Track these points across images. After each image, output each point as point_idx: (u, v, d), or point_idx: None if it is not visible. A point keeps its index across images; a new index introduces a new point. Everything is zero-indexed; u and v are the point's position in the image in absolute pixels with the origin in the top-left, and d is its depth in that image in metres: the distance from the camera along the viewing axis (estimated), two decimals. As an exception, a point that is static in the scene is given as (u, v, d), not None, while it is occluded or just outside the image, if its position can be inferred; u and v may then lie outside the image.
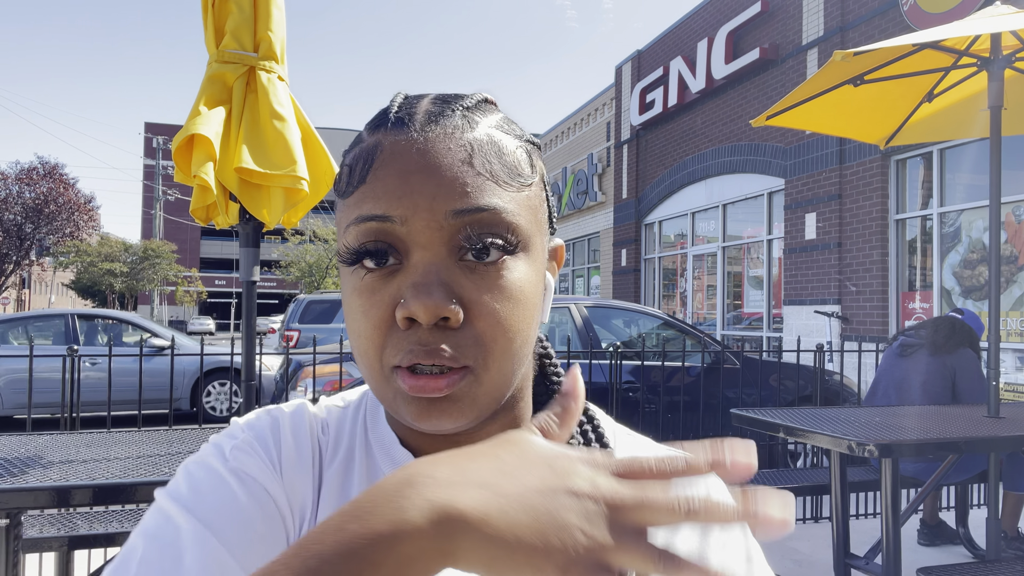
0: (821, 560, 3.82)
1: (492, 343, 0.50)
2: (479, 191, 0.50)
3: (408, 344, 0.49)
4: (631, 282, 14.95)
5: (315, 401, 0.65)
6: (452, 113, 0.53)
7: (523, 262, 0.53)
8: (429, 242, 0.50)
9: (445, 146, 0.51)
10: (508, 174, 0.52)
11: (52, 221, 31.06)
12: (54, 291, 69.02)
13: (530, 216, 0.54)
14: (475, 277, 0.50)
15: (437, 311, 0.48)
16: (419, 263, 0.50)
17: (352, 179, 0.52)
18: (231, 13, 2.28)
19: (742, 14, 11.06)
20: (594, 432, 0.62)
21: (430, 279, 0.49)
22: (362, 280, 0.51)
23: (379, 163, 0.51)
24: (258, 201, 2.30)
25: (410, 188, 0.50)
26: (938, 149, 8.08)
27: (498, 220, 0.51)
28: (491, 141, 0.53)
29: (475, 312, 0.50)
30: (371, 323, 0.51)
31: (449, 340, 0.49)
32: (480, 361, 0.50)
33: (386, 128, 0.53)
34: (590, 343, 5.05)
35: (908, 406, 3.51)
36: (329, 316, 11.00)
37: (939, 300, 8.08)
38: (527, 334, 0.53)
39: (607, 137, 16.92)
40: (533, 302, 0.54)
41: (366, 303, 0.51)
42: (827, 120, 3.88)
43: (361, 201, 0.51)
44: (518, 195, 0.53)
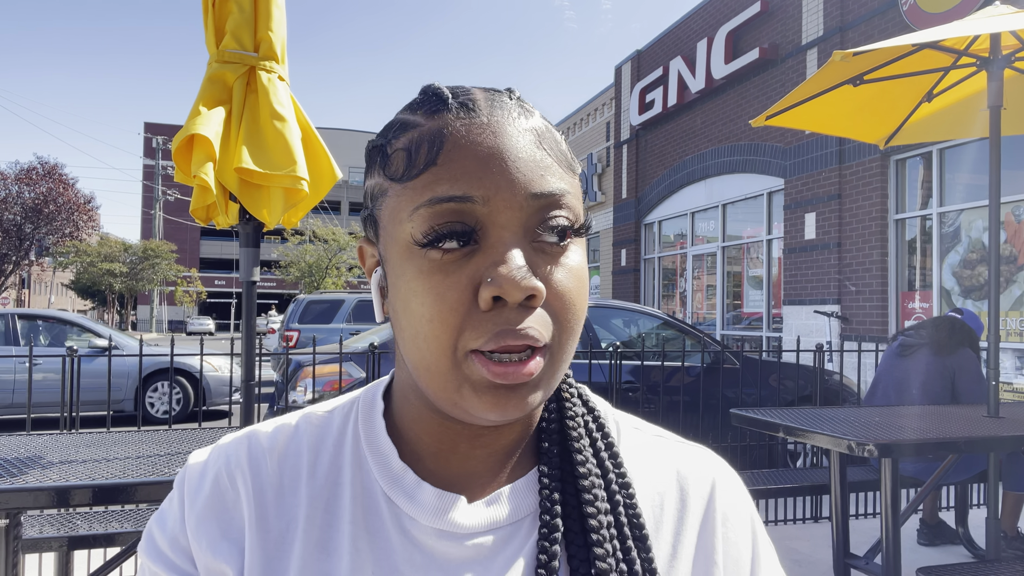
0: (821, 560, 3.82)
1: (565, 321, 0.51)
2: (552, 174, 0.52)
3: (494, 326, 0.48)
4: (631, 282, 14.96)
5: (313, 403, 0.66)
6: (508, 100, 0.54)
7: (579, 245, 0.54)
8: (508, 222, 0.50)
9: (515, 129, 0.52)
10: (566, 161, 0.54)
11: (52, 221, 31.05)
12: (54, 291, 69.01)
13: (581, 203, 0.55)
14: (547, 257, 0.51)
15: (528, 289, 0.48)
16: (500, 242, 0.49)
17: (416, 162, 0.51)
18: (231, 13, 2.27)
19: (742, 14, 11.06)
20: (595, 423, 0.62)
21: (516, 257, 0.49)
22: (436, 261, 0.50)
23: (451, 145, 0.51)
24: (258, 201, 2.30)
25: (489, 169, 0.50)
26: (938, 149, 8.08)
27: (567, 203, 0.52)
28: (548, 129, 0.55)
29: (551, 291, 0.51)
30: (447, 305, 0.49)
31: (534, 319, 0.49)
32: (556, 339, 0.51)
33: (448, 111, 0.52)
34: (590, 343, 5.05)
35: (908, 406, 3.51)
36: (329, 316, 11.00)
37: (939, 300, 8.09)
38: (583, 317, 0.54)
39: (607, 137, 16.92)
40: (587, 284, 0.55)
41: (440, 284, 0.49)
42: (827, 120, 3.88)
43: (433, 183, 0.50)
44: (574, 181, 0.54)
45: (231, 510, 0.57)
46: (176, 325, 51.50)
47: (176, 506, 0.59)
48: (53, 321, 8.85)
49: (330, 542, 0.55)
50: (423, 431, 0.58)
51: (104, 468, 1.99)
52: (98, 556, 3.32)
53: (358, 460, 0.58)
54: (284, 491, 0.57)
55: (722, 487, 0.62)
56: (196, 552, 0.56)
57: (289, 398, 4.63)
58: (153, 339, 34.54)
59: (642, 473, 0.61)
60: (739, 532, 0.61)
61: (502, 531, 0.56)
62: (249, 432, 0.61)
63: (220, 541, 0.56)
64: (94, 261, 38.44)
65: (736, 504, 0.62)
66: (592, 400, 0.65)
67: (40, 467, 1.99)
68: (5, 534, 1.96)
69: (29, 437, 2.47)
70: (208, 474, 0.58)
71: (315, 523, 0.56)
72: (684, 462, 0.63)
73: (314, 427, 0.61)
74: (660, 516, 0.60)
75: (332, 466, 0.58)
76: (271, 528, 0.56)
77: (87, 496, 1.82)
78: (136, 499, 1.88)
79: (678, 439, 0.66)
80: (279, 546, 0.56)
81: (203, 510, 0.57)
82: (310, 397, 4.49)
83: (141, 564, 0.59)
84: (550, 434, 0.59)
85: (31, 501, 1.79)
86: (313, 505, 0.56)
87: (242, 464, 0.58)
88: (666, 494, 0.61)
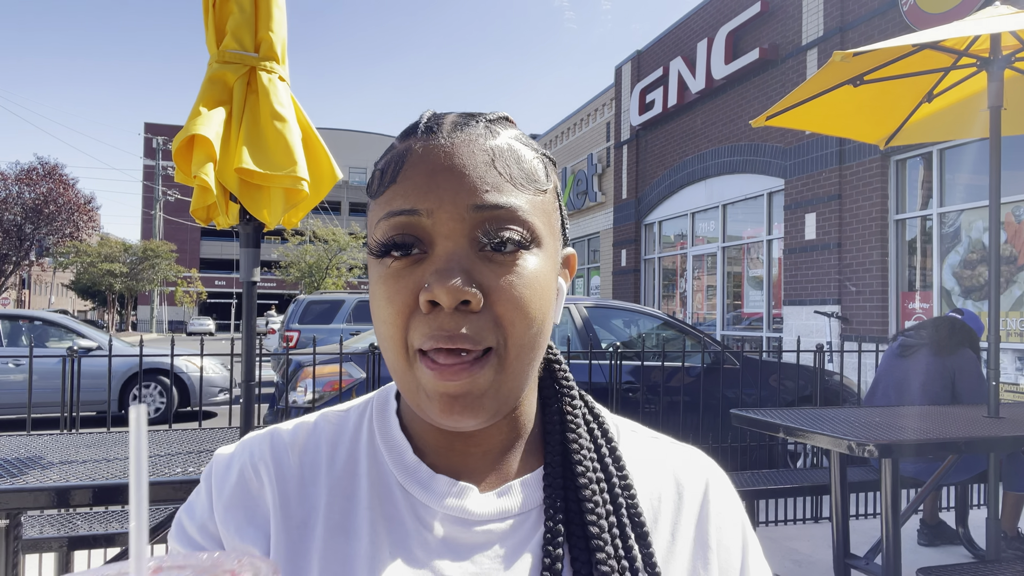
0: (821, 560, 3.82)
1: (510, 326, 0.54)
2: (498, 190, 0.55)
3: (430, 328, 0.53)
4: (631, 282, 14.96)
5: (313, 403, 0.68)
6: (476, 123, 0.58)
7: (537, 257, 0.57)
8: (451, 232, 0.54)
9: (469, 150, 0.56)
10: (525, 178, 0.57)
11: (52, 221, 31.05)
12: (54, 291, 69.00)
13: (544, 219, 0.58)
14: (493, 265, 0.54)
15: (458, 294, 0.52)
16: (442, 252, 0.54)
17: (384, 180, 0.57)
18: (232, 13, 2.27)
19: (742, 14, 11.07)
20: (599, 429, 0.66)
21: (452, 265, 0.53)
22: (388, 268, 0.55)
23: (408, 164, 0.56)
24: (258, 201, 2.30)
25: (436, 184, 0.54)
26: (938, 149, 8.08)
27: (514, 217, 0.55)
28: (511, 149, 0.58)
29: (494, 297, 0.54)
30: (395, 308, 0.54)
31: (470, 323, 0.53)
32: (501, 342, 0.54)
33: (416, 135, 0.58)
34: (590, 343, 5.05)
35: (908, 406, 3.51)
36: (329, 316, 11.00)
37: (939, 300, 8.08)
38: (542, 324, 0.57)
39: (607, 137, 16.92)
40: (547, 294, 0.57)
41: (391, 289, 0.55)
42: (827, 120, 3.88)
43: (392, 199, 0.56)
44: (534, 198, 0.57)
45: (256, 498, 0.61)
46: (176, 325, 51.50)
47: (204, 496, 0.63)
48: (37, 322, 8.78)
49: (350, 526, 0.59)
50: (423, 430, 0.63)
51: (104, 468, 1.99)
52: (98, 556, 3.32)
53: (373, 453, 0.63)
54: (305, 482, 0.62)
55: (715, 484, 0.67)
56: (224, 537, 0.61)
57: (289, 398, 4.63)
58: (152, 339, 34.53)
59: (640, 473, 0.66)
60: (731, 527, 0.66)
61: (511, 520, 0.60)
62: (271, 430, 0.66)
63: (246, 527, 0.60)
64: (94, 261, 38.43)
65: (727, 501, 0.67)
66: (598, 408, 0.69)
67: (40, 467, 1.99)
68: (5, 534, 1.96)
69: (29, 437, 2.47)
70: (234, 466, 0.63)
71: (335, 509, 0.60)
72: (679, 462, 0.68)
73: (332, 424, 0.66)
74: (657, 513, 0.64)
75: (349, 459, 0.63)
76: (293, 515, 0.60)
77: (87, 496, 1.83)
78: (136, 499, 1.88)
79: (672, 441, 0.71)
80: (301, 531, 0.60)
81: (230, 498, 0.61)
82: (310, 397, 4.49)
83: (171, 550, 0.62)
84: (553, 435, 0.63)
85: (31, 501, 1.79)
86: (332, 494, 0.61)
87: (265, 457, 0.63)
88: (663, 492, 0.65)
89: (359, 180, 61.56)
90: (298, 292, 36.43)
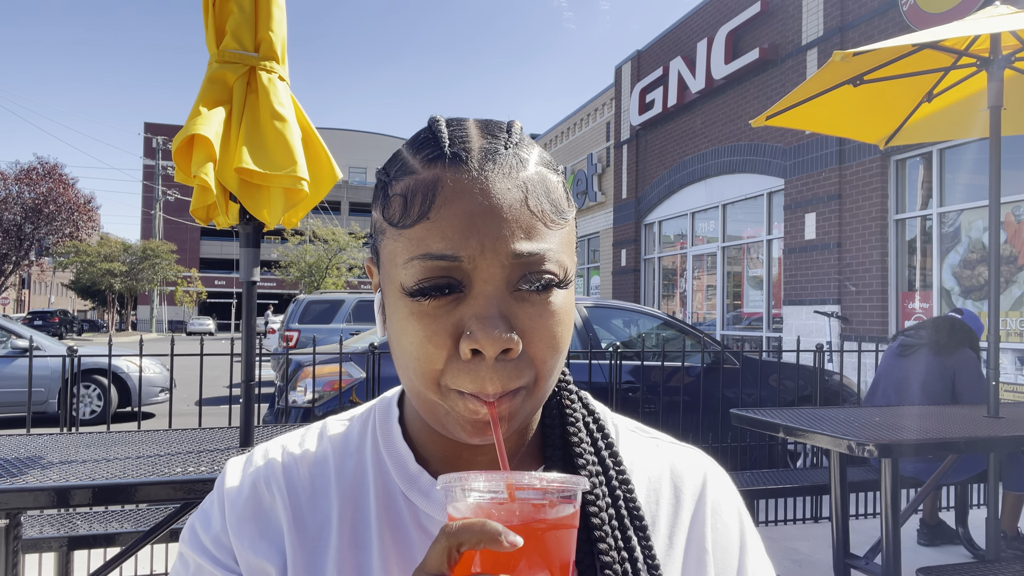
0: (821, 560, 3.82)
1: (542, 364, 0.56)
2: (535, 232, 0.54)
3: (472, 380, 0.53)
4: (631, 282, 14.96)
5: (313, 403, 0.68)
6: (505, 151, 0.56)
7: (565, 290, 0.57)
8: (491, 277, 0.53)
9: (504, 186, 0.54)
10: (555, 213, 0.57)
11: (52, 221, 31.05)
12: (53, 291, 69.00)
13: (568, 250, 0.58)
14: (527, 306, 0.55)
15: (504, 344, 0.52)
16: (481, 295, 0.53)
17: (410, 212, 0.55)
18: (232, 13, 2.27)
19: (742, 14, 11.07)
20: (596, 425, 0.67)
21: (493, 312, 0.53)
22: (423, 305, 0.54)
23: (441, 200, 0.54)
24: (258, 201, 2.30)
25: (476, 229, 0.53)
26: (938, 149, 8.08)
27: (550, 258, 0.55)
28: (541, 179, 0.57)
29: (529, 338, 0.54)
30: (433, 347, 0.54)
31: (508, 371, 0.54)
32: (533, 381, 0.56)
33: (444, 163, 0.55)
34: (590, 343, 5.05)
35: (908, 406, 3.51)
36: (329, 316, 11.00)
37: (939, 300, 8.08)
38: (566, 351, 0.59)
39: (607, 137, 16.92)
40: (571, 323, 0.59)
41: (428, 329, 0.54)
42: (827, 120, 3.88)
43: (427, 238, 0.53)
44: (562, 232, 0.57)
45: (268, 512, 0.63)
46: (176, 325, 51.49)
47: (217, 508, 0.64)
48: None
49: (361, 538, 0.61)
50: (428, 440, 0.64)
51: (104, 468, 1.99)
52: (98, 556, 3.32)
53: (378, 463, 0.64)
54: (316, 493, 0.63)
55: (712, 483, 0.68)
56: (238, 551, 0.62)
57: (289, 398, 4.63)
58: (152, 339, 34.52)
59: (640, 471, 0.67)
60: (728, 523, 0.66)
61: None
62: (280, 442, 0.68)
63: (259, 541, 0.61)
64: (94, 261, 38.43)
65: (725, 498, 0.68)
66: (593, 404, 0.70)
67: (40, 467, 1.99)
68: (5, 534, 1.96)
69: (29, 437, 2.47)
70: (246, 480, 0.64)
71: (347, 521, 0.62)
72: (677, 461, 0.69)
73: (337, 434, 0.68)
74: (656, 510, 0.65)
75: (357, 469, 0.65)
76: (307, 527, 0.62)
77: (87, 496, 1.82)
78: (136, 499, 1.88)
79: (672, 441, 0.72)
80: (316, 542, 0.61)
81: (242, 512, 0.63)
82: (310, 397, 4.49)
83: (182, 554, 0.64)
84: (552, 438, 0.64)
85: (31, 501, 1.79)
86: (343, 505, 0.62)
87: (276, 471, 0.64)
88: (661, 490, 0.66)
89: (359, 180, 61.54)
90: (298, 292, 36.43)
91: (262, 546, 0.61)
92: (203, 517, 0.65)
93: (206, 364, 3.45)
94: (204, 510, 0.65)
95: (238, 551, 0.62)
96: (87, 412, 8.77)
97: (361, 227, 43.79)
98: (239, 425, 2.42)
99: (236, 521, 0.62)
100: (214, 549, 0.62)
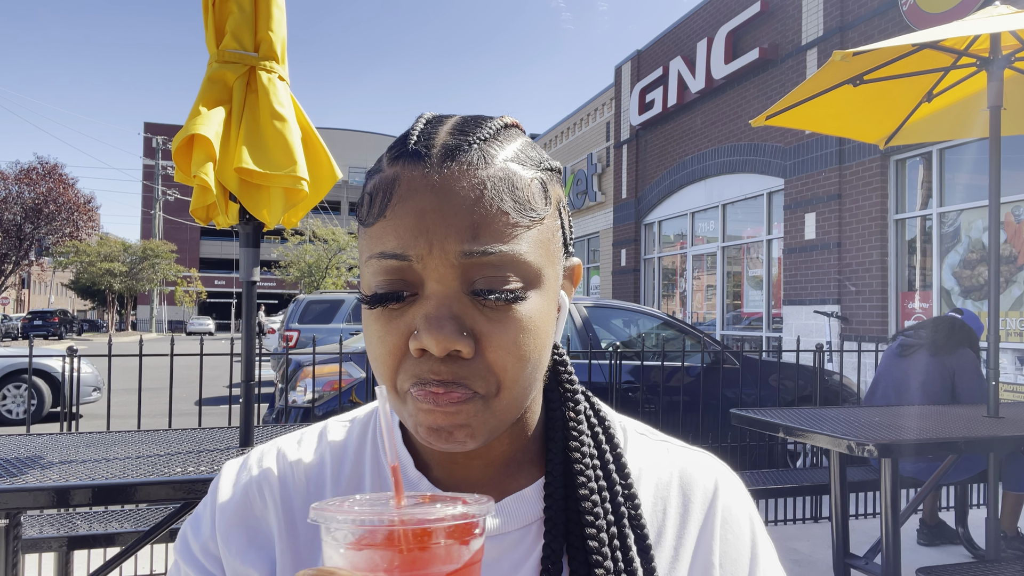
0: (821, 560, 3.82)
1: (503, 373, 0.52)
2: (489, 233, 0.51)
3: (420, 371, 0.52)
4: (631, 282, 14.95)
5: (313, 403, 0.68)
6: (468, 148, 0.53)
7: (534, 295, 0.54)
8: (442, 277, 0.51)
9: (459, 184, 0.52)
10: (520, 211, 0.53)
11: (51, 221, 31.05)
12: (53, 291, 68.98)
13: (541, 250, 0.54)
14: (487, 310, 0.52)
15: (448, 344, 0.50)
16: (432, 296, 0.52)
17: (372, 210, 0.54)
18: (231, 13, 2.27)
19: (742, 14, 11.06)
20: (604, 434, 0.63)
21: (442, 312, 0.51)
22: (377, 309, 0.54)
23: (397, 198, 0.53)
24: (258, 201, 2.29)
25: (424, 227, 0.51)
26: (937, 149, 8.08)
27: (507, 261, 0.52)
28: (505, 177, 0.53)
29: (486, 344, 0.52)
30: (386, 349, 0.53)
31: (461, 370, 0.51)
32: (493, 388, 0.53)
33: (405, 160, 0.54)
34: (590, 343, 5.05)
35: (908, 406, 3.51)
36: (329, 316, 11.00)
37: (938, 300, 8.08)
38: (538, 361, 0.55)
39: (607, 137, 16.92)
40: (545, 331, 0.55)
41: (382, 330, 0.53)
42: (827, 120, 3.88)
43: (381, 236, 0.53)
44: (528, 232, 0.53)
45: (259, 520, 0.61)
46: (176, 325, 51.50)
47: (208, 514, 0.63)
48: None
49: None
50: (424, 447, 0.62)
51: (104, 468, 1.99)
52: (98, 556, 3.32)
53: (377, 468, 0.62)
54: (311, 498, 0.62)
55: (724, 490, 0.64)
56: (225, 558, 0.60)
57: (289, 398, 4.63)
58: (152, 339, 34.52)
59: (647, 477, 0.63)
60: (738, 534, 0.63)
61: (511, 536, 0.58)
62: (276, 444, 0.66)
63: (247, 549, 0.60)
64: (94, 261, 38.43)
65: (736, 507, 0.64)
66: (604, 411, 0.66)
67: (40, 467, 1.99)
68: (5, 534, 1.96)
69: (29, 437, 2.47)
70: (238, 486, 0.63)
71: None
72: (688, 466, 0.65)
73: (336, 437, 0.66)
74: (663, 521, 0.62)
75: (353, 474, 0.63)
76: (300, 534, 0.60)
77: (87, 496, 1.82)
78: (136, 499, 1.88)
79: (683, 445, 0.68)
80: (310, 548, 0.60)
81: (232, 518, 0.61)
82: (310, 397, 4.49)
83: (175, 561, 0.64)
84: (554, 451, 0.61)
85: (31, 501, 1.79)
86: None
87: (270, 477, 0.63)
88: (669, 498, 0.63)
89: (359, 180, 61.55)
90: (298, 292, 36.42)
91: (250, 554, 0.60)
92: (195, 522, 0.63)
93: (206, 364, 3.44)
94: (197, 515, 0.64)
95: (225, 558, 0.60)
96: (20, 412, 8.82)
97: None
98: (239, 425, 2.42)
99: (225, 528, 0.61)
100: (201, 556, 0.61)
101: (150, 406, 8.14)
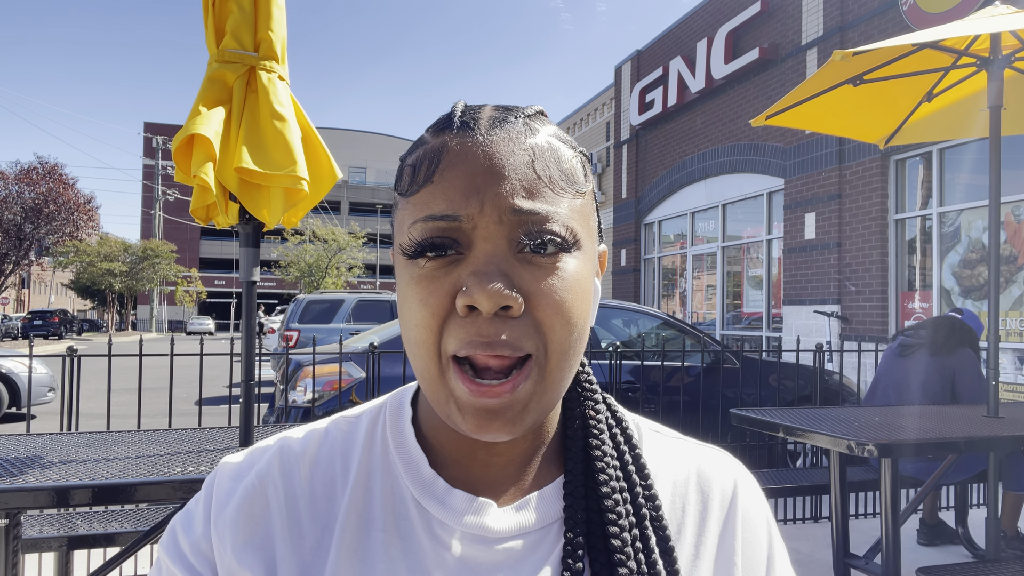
0: (821, 560, 3.82)
1: (551, 331, 0.51)
2: (539, 192, 0.52)
3: (468, 334, 0.50)
4: (631, 282, 14.96)
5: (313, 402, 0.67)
6: (515, 120, 0.55)
7: (577, 259, 0.54)
8: (490, 235, 0.51)
9: (509, 149, 0.53)
10: (565, 180, 0.54)
11: (51, 221, 31.04)
12: (53, 291, 68.99)
13: (583, 221, 0.56)
14: (533, 268, 0.52)
15: (499, 299, 0.49)
16: (481, 254, 0.51)
17: (417, 178, 0.54)
18: (231, 13, 2.27)
19: (742, 14, 11.06)
20: (623, 435, 0.63)
21: (491, 268, 0.50)
22: (422, 269, 0.52)
23: (446, 163, 0.53)
24: (258, 201, 2.29)
25: (475, 186, 0.51)
26: (937, 149, 8.08)
27: (555, 219, 0.52)
28: (551, 148, 0.55)
29: (534, 301, 0.51)
30: (429, 310, 0.51)
31: (510, 329, 0.50)
32: (541, 349, 0.51)
33: (452, 131, 0.54)
34: (590, 343, 5.05)
35: (908, 406, 3.51)
36: (329, 316, 11.00)
37: (938, 300, 8.09)
38: (583, 328, 0.54)
39: (607, 137, 16.92)
40: (587, 296, 0.55)
41: (424, 291, 0.52)
42: (827, 120, 3.88)
43: (429, 200, 0.52)
44: (573, 201, 0.54)
45: (260, 519, 0.58)
46: (176, 325, 51.50)
47: (203, 510, 0.60)
48: None
49: (364, 549, 0.56)
50: (444, 439, 0.59)
51: (104, 468, 1.99)
52: (98, 556, 3.32)
53: (387, 466, 0.60)
54: (317, 498, 0.59)
55: (743, 490, 0.64)
56: (219, 557, 0.57)
57: (289, 398, 4.63)
58: (152, 339, 34.52)
59: (664, 475, 0.63)
60: (757, 534, 0.63)
61: (531, 536, 0.57)
62: (281, 439, 0.62)
63: (244, 549, 0.57)
64: (94, 261, 38.45)
65: (755, 507, 0.64)
66: (621, 412, 0.65)
67: (40, 467, 1.99)
68: (5, 534, 1.96)
69: (29, 437, 2.47)
70: (238, 482, 0.60)
71: (350, 529, 0.57)
72: (705, 465, 0.64)
73: (343, 432, 0.63)
74: (682, 519, 0.61)
75: (362, 472, 0.60)
76: (305, 535, 0.57)
77: (87, 496, 1.82)
78: (136, 499, 1.88)
79: (697, 443, 0.67)
80: (315, 552, 0.57)
81: (230, 517, 0.58)
82: (310, 397, 4.49)
83: (159, 559, 0.60)
84: (574, 449, 0.60)
85: (31, 501, 1.79)
86: (348, 511, 0.58)
87: (273, 473, 0.59)
88: (688, 496, 0.62)
89: (359, 180, 61.51)
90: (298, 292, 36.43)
91: (247, 555, 0.56)
92: (186, 519, 0.60)
93: (206, 364, 3.44)
94: (188, 510, 0.60)
95: (219, 558, 0.57)
96: None
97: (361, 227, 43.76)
98: (239, 425, 2.42)
99: (222, 527, 0.57)
100: (191, 555, 0.58)
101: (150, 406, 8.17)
